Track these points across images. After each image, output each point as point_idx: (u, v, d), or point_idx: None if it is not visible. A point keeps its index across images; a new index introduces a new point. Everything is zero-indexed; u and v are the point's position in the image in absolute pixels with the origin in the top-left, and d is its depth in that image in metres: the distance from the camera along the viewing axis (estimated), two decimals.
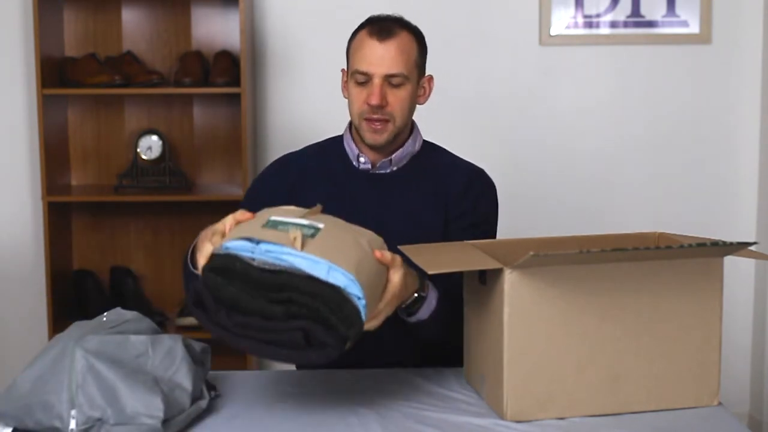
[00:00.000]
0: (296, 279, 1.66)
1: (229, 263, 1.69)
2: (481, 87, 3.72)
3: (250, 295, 1.67)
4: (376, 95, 2.16)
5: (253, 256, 1.69)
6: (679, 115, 3.75)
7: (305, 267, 1.67)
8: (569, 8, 3.67)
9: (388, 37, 2.18)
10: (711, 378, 1.89)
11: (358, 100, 2.20)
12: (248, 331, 1.66)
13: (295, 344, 1.65)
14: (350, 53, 2.23)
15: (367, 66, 2.17)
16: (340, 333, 1.66)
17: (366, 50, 2.17)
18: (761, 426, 3.70)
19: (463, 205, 2.25)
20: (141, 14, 3.66)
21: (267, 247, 1.69)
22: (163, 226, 3.75)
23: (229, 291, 1.68)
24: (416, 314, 1.98)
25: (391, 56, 2.17)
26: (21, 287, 3.74)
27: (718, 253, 1.86)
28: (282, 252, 1.68)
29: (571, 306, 1.80)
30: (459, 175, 2.28)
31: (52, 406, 1.68)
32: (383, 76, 2.17)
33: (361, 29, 2.22)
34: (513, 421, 1.80)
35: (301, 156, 2.36)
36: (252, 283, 1.67)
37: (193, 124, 3.71)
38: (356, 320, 1.68)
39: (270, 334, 1.66)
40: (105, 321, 1.85)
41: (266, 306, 1.66)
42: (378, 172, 2.27)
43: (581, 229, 3.29)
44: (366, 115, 2.19)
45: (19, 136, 3.70)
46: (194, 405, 1.79)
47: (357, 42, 2.21)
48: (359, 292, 1.68)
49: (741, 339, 3.79)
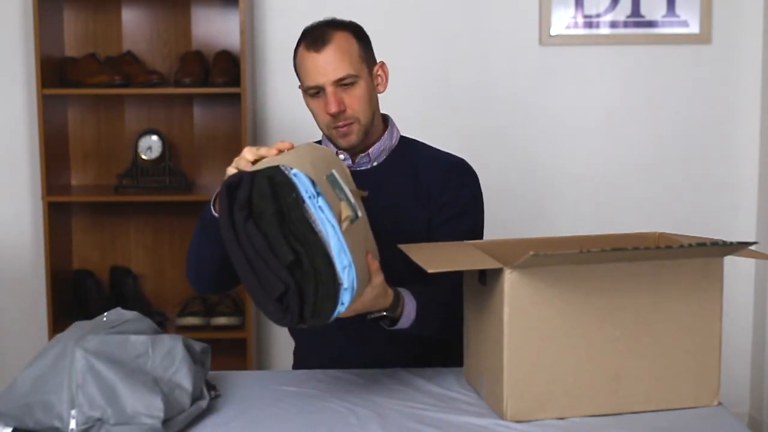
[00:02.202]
0: (318, 247, 1.68)
1: (287, 187, 1.69)
2: (481, 87, 3.71)
3: (276, 226, 1.67)
4: (331, 103, 2.16)
5: (304, 196, 1.69)
6: (679, 115, 3.75)
7: (333, 246, 1.69)
8: (569, 8, 3.67)
9: (324, 45, 2.17)
10: (711, 378, 1.89)
11: (320, 113, 2.21)
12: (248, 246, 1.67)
13: (268, 287, 1.66)
14: (297, 71, 2.23)
15: (313, 79, 2.17)
16: (304, 315, 1.69)
17: (308, 64, 2.18)
18: (761, 426, 3.70)
19: (445, 197, 2.24)
20: (141, 14, 3.67)
21: (321, 204, 1.70)
22: (163, 226, 3.75)
23: (265, 205, 1.68)
24: (396, 325, 2.00)
25: (332, 62, 2.17)
26: (21, 287, 3.74)
27: (718, 253, 1.86)
28: (328, 219, 1.69)
29: (571, 306, 1.80)
30: (438, 167, 2.28)
31: (52, 405, 1.68)
32: (332, 83, 2.16)
33: (299, 45, 2.22)
34: (513, 421, 1.80)
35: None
36: (288, 218, 1.68)
37: (193, 124, 3.71)
38: (325, 317, 1.70)
39: (260, 263, 1.67)
40: (105, 321, 1.85)
41: (280, 241, 1.67)
42: (358, 170, 2.26)
43: (581, 229, 3.29)
44: (332, 124, 2.19)
45: (19, 136, 3.70)
46: (194, 405, 1.79)
47: (299, 59, 2.21)
48: (347, 301, 1.71)
49: (741, 339, 3.79)
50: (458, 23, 3.70)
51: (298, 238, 1.68)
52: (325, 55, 2.17)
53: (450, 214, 2.23)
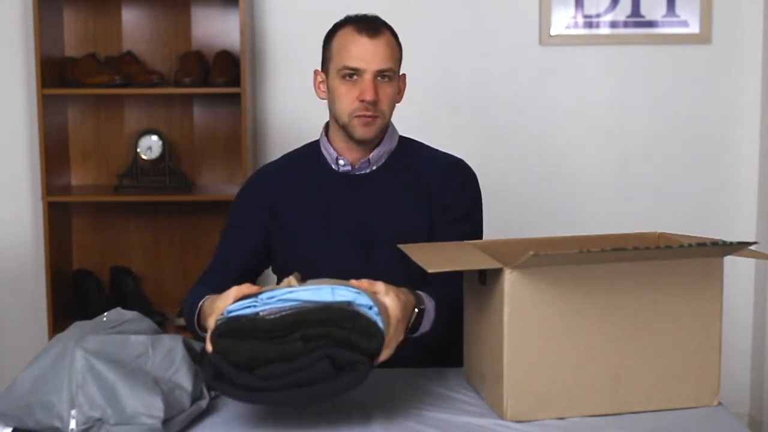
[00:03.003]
0: (305, 312, 1.67)
1: (235, 324, 1.69)
2: (481, 87, 3.71)
3: (266, 344, 1.66)
4: (369, 91, 2.15)
5: (256, 310, 1.70)
6: (679, 115, 3.75)
7: (309, 296, 1.69)
8: (569, 8, 3.67)
9: (377, 33, 2.18)
10: (711, 378, 1.89)
11: (347, 97, 2.18)
12: (276, 381, 1.66)
13: (325, 375, 1.64)
14: (333, 51, 2.21)
15: (358, 62, 2.16)
16: (364, 348, 1.67)
17: (355, 47, 2.17)
18: (761, 426, 3.70)
19: (446, 199, 2.24)
20: (141, 14, 3.67)
21: (267, 295, 1.71)
22: (163, 226, 3.75)
23: (243, 348, 1.67)
24: (419, 329, 1.97)
25: (380, 51, 2.17)
26: (21, 287, 3.74)
27: (718, 253, 1.86)
28: (283, 293, 1.70)
29: (571, 306, 1.80)
30: (438, 168, 2.28)
31: (52, 405, 1.68)
32: (375, 71, 2.16)
33: (341, 27, 2.21)
34: (513, 421, 1.80)
35: (278, 167, 2.34)
36: (263, 332, 1.67)
37: (193, 124, 3.71)
38: (375, 330, 1.69)
39: (297, 374, 1.65)
40: (105, 321, 1.85)
41: (284, 347, 1.66)
42: (358, 173, 2.26)
43: (581, 228, 3.29)
44: (358, 111, 2.17)
45: (19, 136, 3.70)
46: (194, 405, 1.79)
47: (343, 39, 2.19)
48: (368, 301, 1.71)
49: (741, 339, 3.79)
50: (458, 23, 3.70)
51: (285, 329, 1.67)
52: (376, 43, 2.17)
53: (452, 217, 2.23)
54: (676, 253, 1.82)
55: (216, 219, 3.62)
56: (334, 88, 2.21)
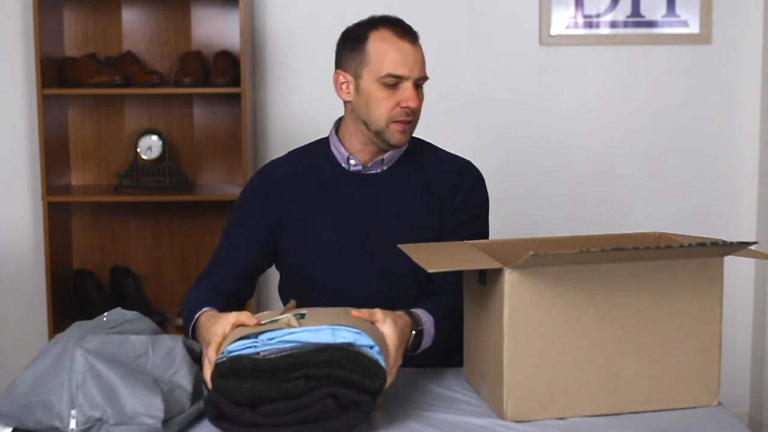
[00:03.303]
0: (306, 353, 1.68)
1: (237, 364, 1.70)
2: (481, 87, 3.72)
3: (268, 383, 1.67)
4: (413, 98, 2.13)
5: (257, 350, 1.71)
6: (678, 115, 3.75)
7: (310, 338, 1.70)
8: (569, 8, 3.67)
9: (416, 39, 2.17)
10: (711, 378, 1.89)
11: (387, 103, 2.14)
12: (280, 417, 1.66)
13: (329, 413, 1.65)
14: (371, 55, 2.15)
15: (402, 69, 2.13)
16: (367, 387, 1.68)
17: (397, 53, 2.13)
18: (761, 426, 3.70)
19: (456, 201, 2.24)
20: (141, 14, 3.67)
21: (267, 336, 1.71)
22: (163, 226, 3.75)
23: (245, 388, 1.68)
24: (420, 347, 1.99)
25: (420, 59, 2.16)
26: (21, 287, 3.74)
27: (718, 253, 1.86)
28: (283, 334, 1.71)
29: (571, 306, 1.80)
30: (449, 170, 2.28)
31: (52, 405, 1.68)
32: (416, 78, 2.15)
33: (375, 29, 2.17)
34: (513, 421, 1.80)
35: (285, 163, 2.33)
36: (265, 372, 1.68)
37: (193, 124, 3.71)
38: (377, 369, 1.70)
39: (301, 412, 1.66)
40: (105, 321, 1.85)
41: (287, 386, 1.67)
42: (369, 173, 2.25)
43: (581, 228, 3.29)
44: (398, 117, 2.15)
45: (19, 136, 3.70)
46: (194, 405, 1.79)
47: (382, 44, 2.14)
48: (369, 341, 1.72)
49: (741, 339, 3.79)
50: (458, 23, 3.70)
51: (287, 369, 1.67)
52: (416, 50, 2.16)
53: (462, 220, 2.24)
54: (676, 253, 1.82)
55: (216, 219, 3.62)
56: (370, 93, 2.16)
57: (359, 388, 1.68)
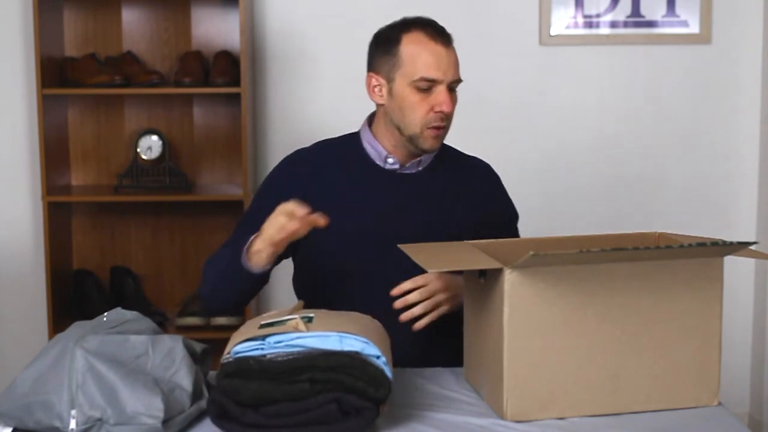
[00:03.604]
0: (313, 358, 1.68)
1: (243, 364, 1.70)
2: (481, 87, 3.71)
3: (273, 384, 1.67)
4: (448, 102, 2.12)
5: (264, 352, 1.71)
6: (678, 115, 3.75)
7: (318, 344, 1.70)
8: (569, 8, 3.67)
9: (450, 42, 2.14)
10: (711, 378, 1.89)
11: (421, 108, 2.12)
12: (283, 419, 1.66)
13: (331, 417, 1.66)
14: (404, 58, 2.12)
15: (436, 72, 2.10)
16: (370, 395, 1.68)
17: (432, 56, 2.10)
18: (761, 426, 3.70)
19: (496, 204, 2.29)
20: (141, 14, 3.66)
21: (275, 339, 1.71)
22: (163, 226, 3.75)
23: (250, 389, 1.68)
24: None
25: (454, 62, 2.15)
26: (21, 287, 3.74)
27: (718, 253, 1.86)
28: (291, 338, 1.71)
29: (571, 306, 1.80)
30: (478, 174, 2.31)
31: (52, 405, 1.68)
32: (450, 82, 2.13)
33: (408, 31, 2.14)
34: (513, 421, 1.80)
35: (313, 151, 2.29)
36: (271, 374, 1.68)
37: (193, 124, 3.71)
38: (383, 380, 1.70)
39: (303, 414, 1.66)
40: (105, 321, 1.85)
41: (292, 388, 1.67)
42: (405, 172, 2.23)
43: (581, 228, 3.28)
44: (433, 123, 2.13)
45: (19, 136, 3.70)
46: (194, 405, 1.79)
47: (416, 46, 2.12)
48: (377, 351, 1.72)
49: (741, 339, 3.79)
50: (458, 23, 3.68)
51: (293, 372, 1.68)
52: (450, 53, 2.14)
53: (507, 218, 2.30)
54: (676, 253, 1.82)
55: (216, 219, 3.62)
56: (404, 97, 2.13)
57: (363, 395, 1.68)
